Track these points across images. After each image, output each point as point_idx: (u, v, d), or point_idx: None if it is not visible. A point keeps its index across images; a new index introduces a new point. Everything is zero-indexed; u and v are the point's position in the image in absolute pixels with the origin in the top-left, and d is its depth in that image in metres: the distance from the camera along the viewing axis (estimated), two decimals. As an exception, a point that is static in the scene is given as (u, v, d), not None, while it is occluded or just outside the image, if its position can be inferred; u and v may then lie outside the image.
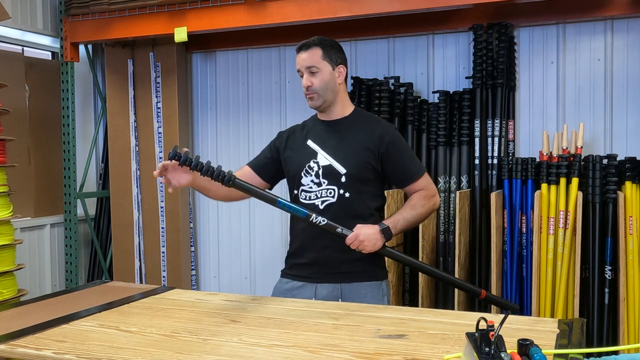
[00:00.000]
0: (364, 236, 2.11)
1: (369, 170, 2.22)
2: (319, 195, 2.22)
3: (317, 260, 2.25)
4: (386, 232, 2.14)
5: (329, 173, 2.22)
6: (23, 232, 3.84)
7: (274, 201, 2.12)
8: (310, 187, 2.24)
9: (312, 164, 2.25)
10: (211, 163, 2.03)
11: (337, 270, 2.22)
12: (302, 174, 2.27)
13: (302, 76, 2.25)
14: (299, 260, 2.30)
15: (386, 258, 2.33)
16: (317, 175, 2.23)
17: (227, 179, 2.02)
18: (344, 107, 2.31)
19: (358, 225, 2.13)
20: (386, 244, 2.19)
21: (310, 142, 2.29)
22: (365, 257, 2.18)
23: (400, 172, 2.26)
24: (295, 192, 2.29)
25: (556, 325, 1.65)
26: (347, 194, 2.20)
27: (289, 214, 2.25)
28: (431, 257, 3.32)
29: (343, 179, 2.20)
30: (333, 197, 2.20)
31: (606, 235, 2.96)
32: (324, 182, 2.22)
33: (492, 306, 3.11)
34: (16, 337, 1.63)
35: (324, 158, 2.24)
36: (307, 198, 2.24)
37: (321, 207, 2.21)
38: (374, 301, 2.18)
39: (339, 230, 2.12)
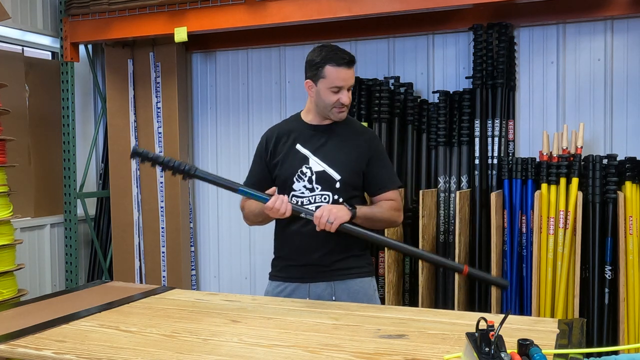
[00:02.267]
0: (329, 209, 2.09)
1: (360, 177, 2.27)
2: (312, 201, 2.22)
3: (309, 262, 2.27)
4: (353, 212, 2.14)
5: (323, 179, 2.22)
6: (23, 232, 3.84)
7: (235, 189, 2.16)
8: (302, 192, 2.24)
9: (304, 169, 2.25)
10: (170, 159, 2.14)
11: (329, 269, 2.24)
12: (294, 179, 2.25)
13: (337, 91, 2.19)
14: (291, 263, 2.31)
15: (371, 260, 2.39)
16: (310, 181, 2.24)
17: (188, 170, 2.12)
18: None
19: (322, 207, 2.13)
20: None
21: (299, 147, 2.28)
22: (354, 255, 2.25)
23: (374, 180, 2.29)
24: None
25: (556, 325, 1.65)
26: (340, 200, 2.22)
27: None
28: (431, 257, 3.32)
29: (337, 185, 2.22)
30: (327, 202, 2.21)
31: (606, 235, 2.96)
32: (318, 188, 2.23)
33: (492, 306, 3.11)
34: (16, 337, 1.63)
35: (316, 164, 2.24)
36: (299, 203, 2.24)
37: None
38: (366, 297, 2.23)
39: (302, 214, 2.13)
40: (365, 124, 3.50)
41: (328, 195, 2.22)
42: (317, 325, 1.72)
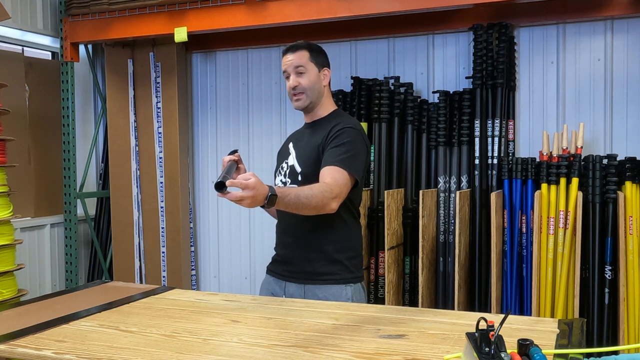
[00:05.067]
0: (247, 198, 1.79)
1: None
2: None
3: (284, 258, 2.33)
4: (270, 201, 1.87)
5: (292, 173, 2.30)
6: (23, 232, 3.84)
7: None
8: (279, 187, 2.29)
9: (284, 164, 2.36)
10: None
11: (302, 269, 2.26)
12: (276, 174, 2.39)
13: (287, 77, 2.32)
14: (275, 257, 2.40)
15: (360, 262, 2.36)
16: (285, 175, 2.33)
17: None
18: (325, 109, 2.36)
19: (250, 182, 1.78)
20: None
21: (290, 144, 2.39)
22: (326, 259, 2.22)
23: (324, 157, 2.18)
24: None
25: (556, 325, 1.65)
26: None
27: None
28: (431, 257, 3.32)
29: (300, 178, 2.27)
30: None
31: (606, 235, 2.96)
32: (288, 182, 2.31)
33: (492, 306, 3.11)
34: (16, 337, 1.63)
35: (292, 159, 2.33)
36: None
37: None
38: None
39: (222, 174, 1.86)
40: (365, 124, 3.50)
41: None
42: (317, 325, 1.72)
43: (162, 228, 4.16)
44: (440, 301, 3.32)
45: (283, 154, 2.41)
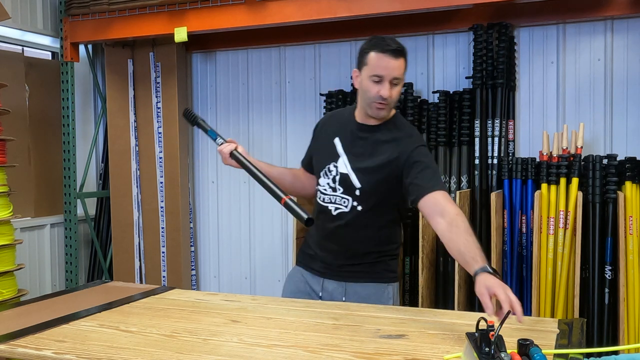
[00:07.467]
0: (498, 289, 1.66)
1: (385, 186, 2.14)
2: (332, 201, 2.20)
3: (325, 260, 2.26)
4: (495, 273, 1.83)
5: (345, 182, 2.17)
6: (23, 232, 3.84)
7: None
8: (325, 190, 2.22)
9: (331, 167, 2.20)
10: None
11: (342, 269, 2.22)
12: (321, 174, 2.24)
13: (377, 81, 2.05)
14: (312, 254, 2.31)
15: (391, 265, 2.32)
16: (333, 180, 2.19)
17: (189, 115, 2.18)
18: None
19: (488, 284, 1.73)
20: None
21: (337, 141, 2.21)
22: (368, 262, 2.19)
23: (413, 187, 2.07)
24: (316, 187, 2.28)
25: (556, 325, 1.65)
26: (360, 207, 2.15)
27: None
28: (431, 257, 3.32)
29: (357, 193, 2.16)
30: (346, 207, 2.17)
31: (606, 235, 2.96)
32: (339, 189, 2.18)
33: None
34: (16, 337, 1.63)
35: (343, 165, 2.17)
36: (322, 200, 2.23)
37: (334, 212, 2.19)
38: (377, 303, 2.13)
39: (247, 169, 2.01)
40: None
41: (348, 200, 2.17)
42: (317, 325, 1.72)
43: (162, 228, 4.16)
44: (440, 301, 3.32)
45: (327, 151, 2.22)
